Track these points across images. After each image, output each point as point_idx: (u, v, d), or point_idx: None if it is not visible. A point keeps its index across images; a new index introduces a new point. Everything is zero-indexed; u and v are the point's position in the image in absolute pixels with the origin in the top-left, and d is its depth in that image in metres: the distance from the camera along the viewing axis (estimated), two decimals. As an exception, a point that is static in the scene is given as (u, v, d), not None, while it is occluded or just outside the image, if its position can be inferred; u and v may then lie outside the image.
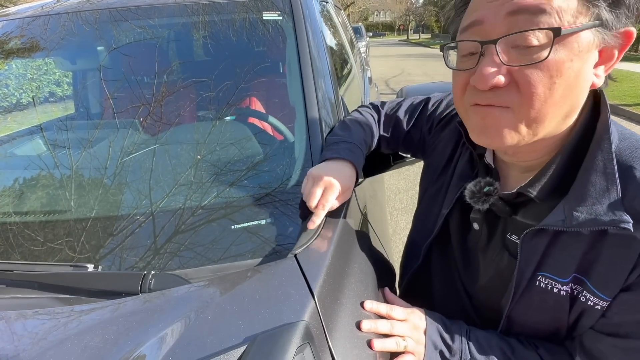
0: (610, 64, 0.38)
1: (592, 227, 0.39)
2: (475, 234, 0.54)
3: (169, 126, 0.83)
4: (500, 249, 0.50)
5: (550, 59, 0.35)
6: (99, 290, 0.51)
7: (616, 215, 0.37)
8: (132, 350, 0.39)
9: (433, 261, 0.61)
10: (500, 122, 0.40)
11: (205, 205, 0.66)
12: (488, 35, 0.38)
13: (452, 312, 0.59)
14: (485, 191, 0.48)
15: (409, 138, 0.70)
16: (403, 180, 3.38)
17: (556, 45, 0.35)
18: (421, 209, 0.66)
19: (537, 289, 0.45)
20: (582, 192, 0.40)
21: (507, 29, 0.36)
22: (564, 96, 0.37)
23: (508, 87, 0.38)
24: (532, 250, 0.44)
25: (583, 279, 0.42)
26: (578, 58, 0.35)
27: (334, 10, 1.87)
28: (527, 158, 0.46)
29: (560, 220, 0.41)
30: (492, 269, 0.52)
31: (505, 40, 0.36)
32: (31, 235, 0.63)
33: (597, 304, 0.41)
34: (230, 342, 0.39)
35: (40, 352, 0.41)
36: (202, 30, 0.97)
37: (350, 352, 0.43)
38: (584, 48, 0.35)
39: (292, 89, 0.87)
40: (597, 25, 0.34)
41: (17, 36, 0.98)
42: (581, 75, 0.37)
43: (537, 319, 0.47)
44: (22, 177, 0.77)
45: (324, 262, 0.51)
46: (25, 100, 1.00)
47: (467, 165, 0.55)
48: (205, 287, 0.49)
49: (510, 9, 0.35)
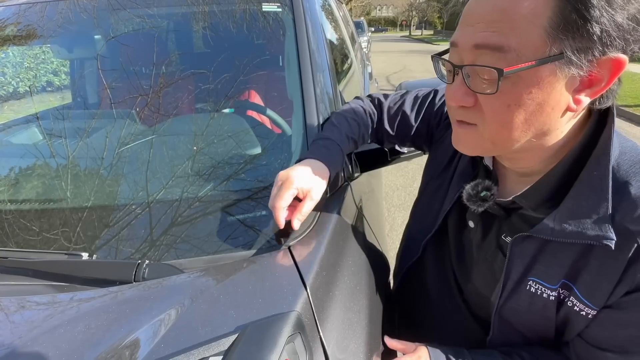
0: (596, 90, 0.38)
1: (578, 240, 0.40)
2: (470, 232, 0.55)
3: (166, 117, 0.83)
4: (494, 249, 0.51)
5: (504, 91, 0.38)
6: (93, 278, 0.51)
7: (602, 230, 0.39)
8: (124, 337, 0.40)
9: (429, 255, 0.62)
10: (468, 137, 0.45)
11: (201, 197, 0.66)
12: (460, 59, 0.41)
13: (444, 306, 0.60)
14: (482, 196, 0.49)
15: (417, 133, 0.69)
16: (401, 177, 3.38)
17: (509, 79, 0.37)
18: (421, 202, 0.66)
19: (527, 292, 0.46)
20: (574, 205, 0.41)
21: (473, 58, 0.39)
22: (526, 121, 0.39)
23: (475, 107, 0.41)
24: (522, 253, 0.46)
25: (571, 286, 0.43)
26: (538, 89, 0.37)
27: (335, 3, 1.86)
28: (523, 165, 0.46)
29: (550, 229, 0.42)
30: (484, 267, 0.53)
31: (469, 68, 0.40)
32: (26, 224, 0.63)
33: (583, 310, 0.42)
34: (222, 330, 0.40)
35: (33, 338, 0.42)
36: (201, 21, 0.96)
37: (341, 342, 0.44)
38: (546, 80, 0.37)
39: (290, 82, 0.87)
40: (555, 59, 0.35)
41: (14, 23, 0.97)
42: (547, 104, 0.38)
43: (527, 320, 0.48)
44: (18, 166, 0.77)
45: (318, 254, 0.51)
46: (22, 89, 1.00)
47: (469, 164, 0.56)
48: (199, 277, 0.50)
49: (476, 42, 0.38)
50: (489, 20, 0.37)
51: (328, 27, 1.27)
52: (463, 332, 0.58)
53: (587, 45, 0.35)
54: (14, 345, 0.41)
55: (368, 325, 0.50)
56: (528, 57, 0.36)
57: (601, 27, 0.34)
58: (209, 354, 0.37)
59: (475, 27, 0.38)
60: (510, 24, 0.36)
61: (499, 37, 0.36)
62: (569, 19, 0.34)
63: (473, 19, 0.39)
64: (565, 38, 0.35)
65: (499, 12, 0.36)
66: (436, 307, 0.62)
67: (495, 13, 0.37)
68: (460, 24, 0.41)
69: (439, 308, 0.61)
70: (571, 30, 0.34)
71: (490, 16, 0.37)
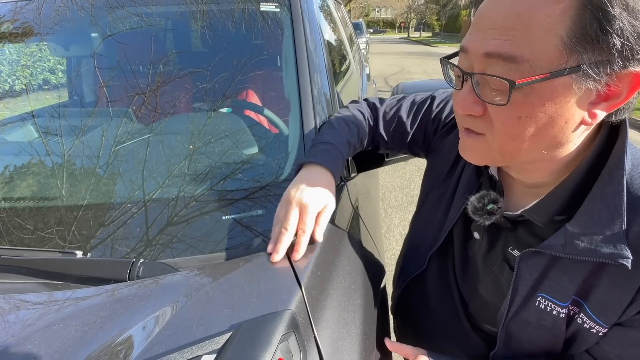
0: (613, 104, 0.36)
1: (591, 258, 0.39)
2: (475, 243, 0.54)
3: (163, 116, 0.83)
4: (500, 262, 0.50)
5: (515, 103, 0.36)
6: (88, 276, 0.51)
7: (617, 248, 0.37)
8: (118, 334, 0.40)
9: (431, 266, 0.60)
10: (475, 147, 0.43)
11: (197, 196, 0.66)
12: (470, 65, 0.39)
13: (446, 318, 0.59)
14: (489, 209, 0.47)
15: (413, 140, 0.67)
16: (398, 178, 3.39)
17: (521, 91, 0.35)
18: (423, 211, 0.64)
19: (536, 308, 0.45)
20: (586, 221, 0.40)
21: (483, 67, 0.37)
22: (537, 134, 0.38)
23: (484, 116, 0.40)
24: (530, 269, 0.44)
25: (582, 302, 0.42)
26: (552, 102, 0.35)
27: (334, 5, 1.86)
28: (532, 177, 0.45)
29: (560, 246, 0.40)
30: (490, 280, 0.51)
31: (479, 76, 0.38)
32: (21, 222, 0.63)
33: (593, 327, 0.41)
34: (217, 328, 0.40)
35: (27, 336, 0.42)
36: (199, 20, 0.96)
37: (335, 341, 0.44)
38: (560, 93, 0.35)
39: (288, 82, 0.87)
40: (572, 72, 0.33)
41: (10, 20, 0.97)
42: (560, 117, 0.36)
43: (535, 335, 0.47)
44: (13, 164, 0.77)
45: (313, 254, 0.51)
46: (18, 86, 0.99)
47: (473, 173, 0.54)
48: (193, 276, 0.50)
49: (487, 50, 0.36)
50: (503, 27, 0.35)
51: (326, 28, 1.27)
52: (465, 345, 0.57)
53: (606, 59, 0.33)
54: (7, 343, 0.41)
55: (362, 324, 0.50)
56: (542, 69, 0.34)
57: (622, 40, 0.32)
58: (202, 352, 0.37)
59: (487, 34, 0.36)
60: (524, 32, 0.34)
61: (512, 47, 0.34)
62: (588, 29, 0.32)
63: (486, 24, 0.36)
64: (583, 50, 0.33)
65: (514, 18, 0.34)
66: (437, 319, 0.60)
67: (510, 19, 0.34)
68: (472, 27, 0.39)
69: (441, 320, 0.60)
70: (590, 42, 0.32)
71: (504, 22, 0.35)
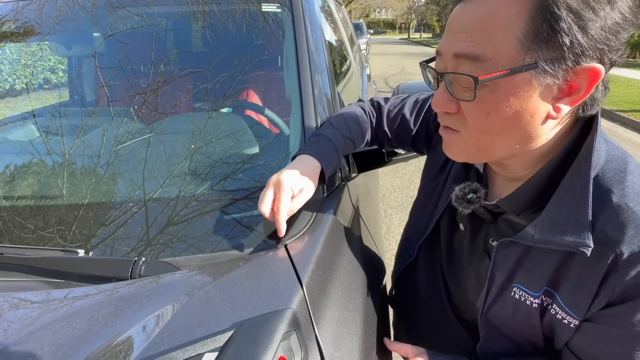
0: (575, 98, 0.38)
1: (557, 247, 0.41)
2: (460, 234, 0.56)
3: (164, 116, 0.83)
4: (481, 253, 0.52)
5: (482, 98, 0.39)
6: (89, 275, 0.51)
7: (580, 237, 0.39)
8: (120, 333, 0.40)
9: (421, 257, 0.63)
10: (452, 143, 0.46)
11: (198, 196, 0.66)
12: (444, 67, 0.42)
13: (434, 307, 0.61)
14: (468, 198, 0.50)
15: (416, 137, 0.70)
16: (398, 179, 3.39)
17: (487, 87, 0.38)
18: (417, 205, 0.67)
19: (512, 299, 0.46)
20: (554, 211, 0.42)
21: (454, 67, 0.41)
22: (505, 128, 0.40)
23: (459, 114, 0.43)
24: (505, 259, 0.46)
25: (553, 293, 0.43)
26: (515, 97, 0.38)
27: (334, 5, 1.87)
28: (510, 170, 0.47)
29: (530, 236, 0.43)
30: (472, 271, 0.53)
31: (451, 75, 0.41)
32: (22, 221, 0.63)
33: (565, 318, 0.43)
34: (218, 327, 0.40)
35: (28, 334, 0.42)
36: (200, 20, 0.96)
37: (336, 340, 0.44)
38: (522, 88, 0.38)
39: (288, 82, 0.87)
40: (529, 68, 0.36)
41: (12, 20, 0.97)
42: (525, 111, 0.39)
43: (513, 326, 0.48)
44: (14, 163, 0.77)
45: (314, 253, 0.52)
46: (19, 86, 0.99)
47: (462, 167, 0.57)
48: (195, 275, 0.50)
49: (455, 51, 0.40)
50: (468, 30, 0.39)
51: (327, 29, 1.27)
52: (453, 337, 0.58)
53: (559, 55, 0.36)
54: (9, 341, 0.41)
55: (363, 323, 0.51)
56: (503, 66, 0.37)
57: (570, 38, 0.35)
58: (204, 350, 0.37)
59: (456, 37, 0.40)
60: (486, 34, 0.37)
61: (476, 47, 0.38)
62: (540, 29, 0.35)
63: (455, 28, 0.40)
64: (537, 48, 0.36)
65: (477, 22, 0.38)
66: (427, 309, 0.62)
67: (474, 23, 0.38)
68: (445, 32, 0.43)
69: (430, 310, 0.62)
70: (543, 40, 0.36)
71: (469, 26, 0.39)
